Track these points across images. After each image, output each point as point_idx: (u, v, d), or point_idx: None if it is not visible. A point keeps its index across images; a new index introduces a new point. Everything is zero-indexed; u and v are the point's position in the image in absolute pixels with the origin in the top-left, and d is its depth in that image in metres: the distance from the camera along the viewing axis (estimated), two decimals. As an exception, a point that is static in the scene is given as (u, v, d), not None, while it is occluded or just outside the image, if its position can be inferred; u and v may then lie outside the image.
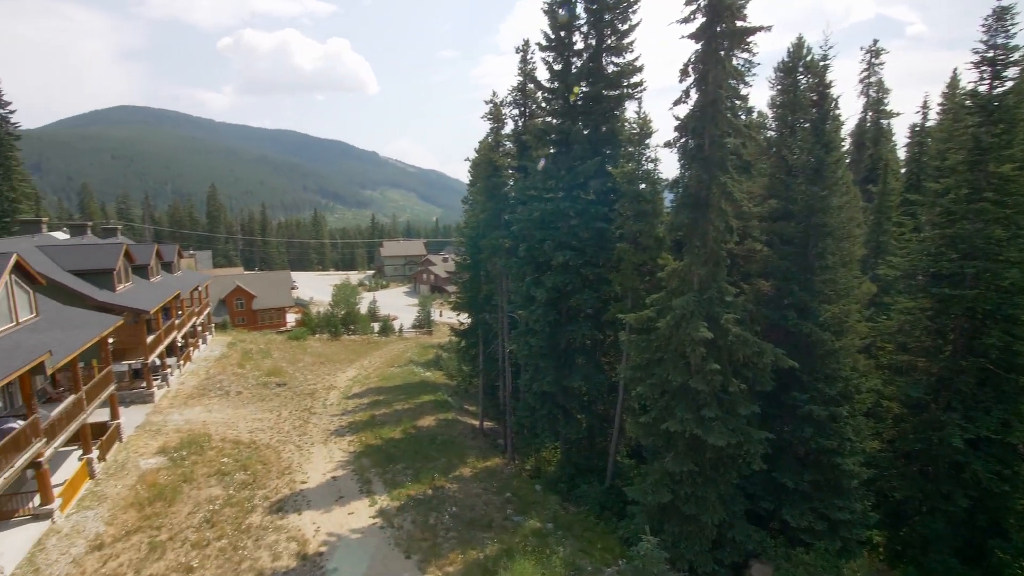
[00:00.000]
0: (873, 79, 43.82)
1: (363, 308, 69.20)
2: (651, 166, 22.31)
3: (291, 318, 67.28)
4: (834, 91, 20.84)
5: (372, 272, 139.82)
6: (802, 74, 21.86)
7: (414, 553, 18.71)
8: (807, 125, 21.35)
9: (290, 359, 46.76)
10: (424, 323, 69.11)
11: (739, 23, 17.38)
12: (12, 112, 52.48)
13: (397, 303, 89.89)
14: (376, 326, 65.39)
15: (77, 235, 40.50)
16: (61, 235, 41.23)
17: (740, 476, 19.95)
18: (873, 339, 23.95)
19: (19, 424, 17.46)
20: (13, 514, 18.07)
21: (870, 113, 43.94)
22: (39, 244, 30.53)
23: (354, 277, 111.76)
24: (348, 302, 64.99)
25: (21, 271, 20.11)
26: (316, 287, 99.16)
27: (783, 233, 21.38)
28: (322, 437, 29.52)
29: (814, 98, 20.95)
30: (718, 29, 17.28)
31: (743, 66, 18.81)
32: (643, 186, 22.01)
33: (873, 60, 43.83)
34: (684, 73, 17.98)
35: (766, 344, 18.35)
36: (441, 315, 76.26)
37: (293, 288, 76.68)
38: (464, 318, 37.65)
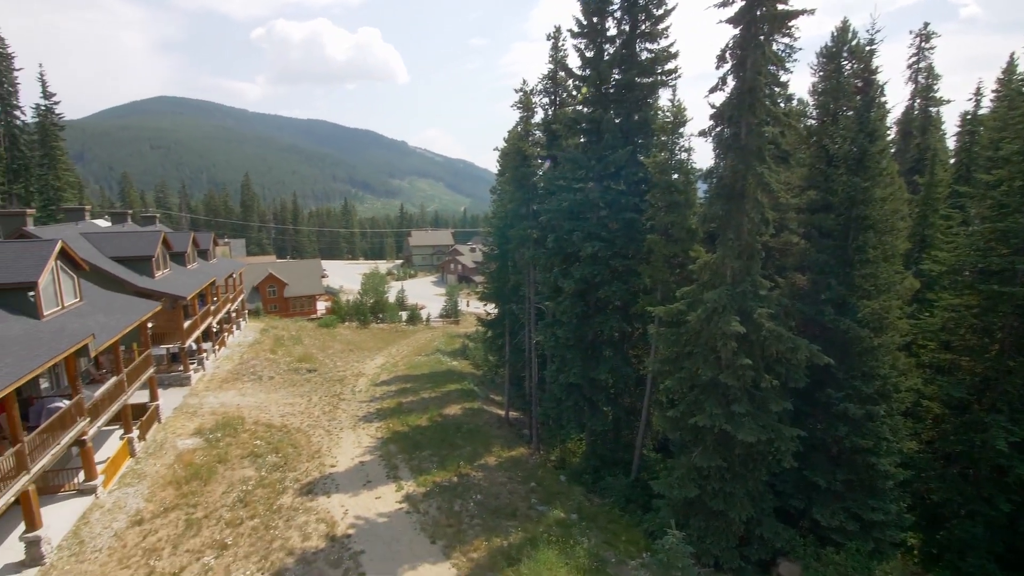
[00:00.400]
0: (922, 64, 41.82)
1: (391, 297, 70.04)
2: (684, 155, 21.84)
3: (321, 306, 68.53)
4: (880, 77, 20.07)
5: (400, 261, 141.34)
6: (846, 59, 21.03)
7: (439, 538, 18.92)
8: (850, 113, 20.56)
9: (320, 346, 47.63)
10: (451, 312, 69.60)
11: (780, 6, 16.79)
12: (56, 103, 54.43)
13: (425, 292, 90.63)
14: (404, 315, 66.13)
15: (118, 223, 41.84)
16: (103, 223, 42.66)
17: (770, 473, 19.64)
18: (914, 336, 23.16)
19: (65, 403, 18.19)
20: (59, 489, 18.91)
21: (918, 100, 42.01)
22: (82, 231, 31.63)
23: (383, 266, 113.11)
24: (377, 291, 65.88)
25: (66, 257, 20.84)
26: (346, 276, 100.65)
27: (822, 225, 20.71)
28: (351, 423, 30.01)
29: (859, 84, 20.14)
30: (758, 13, 16.70)
31: (783, 52, 18.17)
32: (676, 176, 21.54)
33: (923, 44, 41.82)
34: (721, 59, 17.46)
35: (801, 340, 17.87)
36: (468, 305, 76.64)
37: (323, 276, 78.05)
38: (491, 308, 37.69)
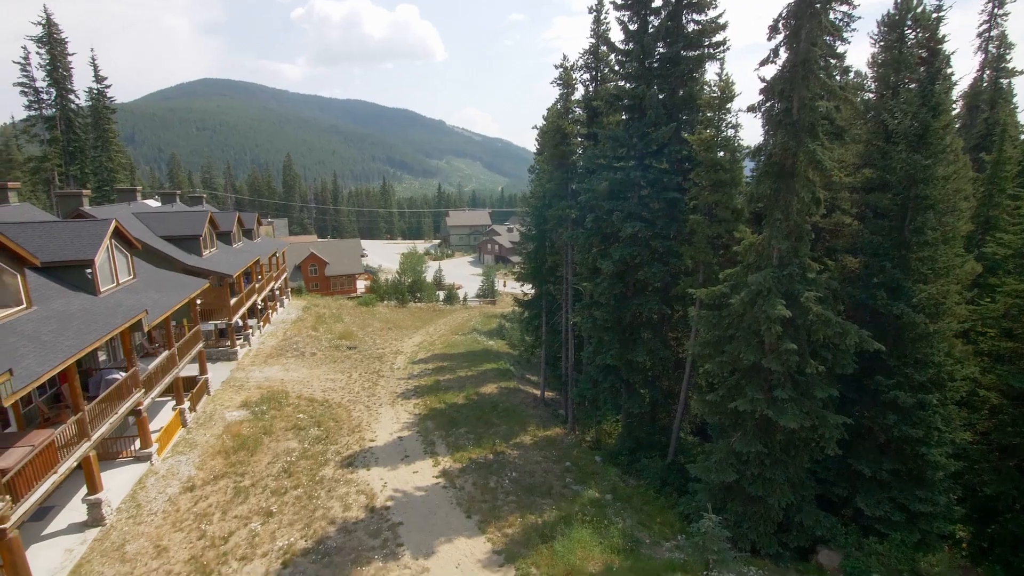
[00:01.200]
0: (994, 32, 38.82)
1: (429, 277, 70.83)
2: (731, 132, 21.00)
3: (361, 285, 69.90)
4: (947, 47, 18.71)
5: (438, 241, 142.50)
6: (910, 28, 19.64)
7: (474, 513, 19.25)
8: (913, 86, 19.30)
9: (360, 324, 48.64)
10: (488, 293, 69.97)
11: (839, -28, 15.78)
12: (108, 87, 56.40)
13: (462, 272, 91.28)
14: (441, 294, 66.90)
15: (167, 203, 43.40)
16: (153, 203, 44.31)
17: (812, 460, 19.18)
18: (973, 323, 21.98)
19: (121, 375, 19.12)
20: (117, 455, 19.99)
21: (988, 71, 39.16)
22: (135, 211, 32.93)
23: (420, 246, 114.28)
24: (415, 270, 66.70)
25: (120, 236, 21.71)
26: (384, 255, 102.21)
27: (877, 205, 19.69)
28: (389, 399, 30.65)
29: (923, 55, 18.84)
30: (814, -21, 15.74)
31: (841, 20, 17.06)
32: (721, 154, 20.79)
33: (995, 11, 38.76)
34: (773, 30, 16.55)
35: (850, 324, 17.16)
36: (505, 285, 76.86)
37: (363, 256, 79.43)
38: (528, 289, 37.65)
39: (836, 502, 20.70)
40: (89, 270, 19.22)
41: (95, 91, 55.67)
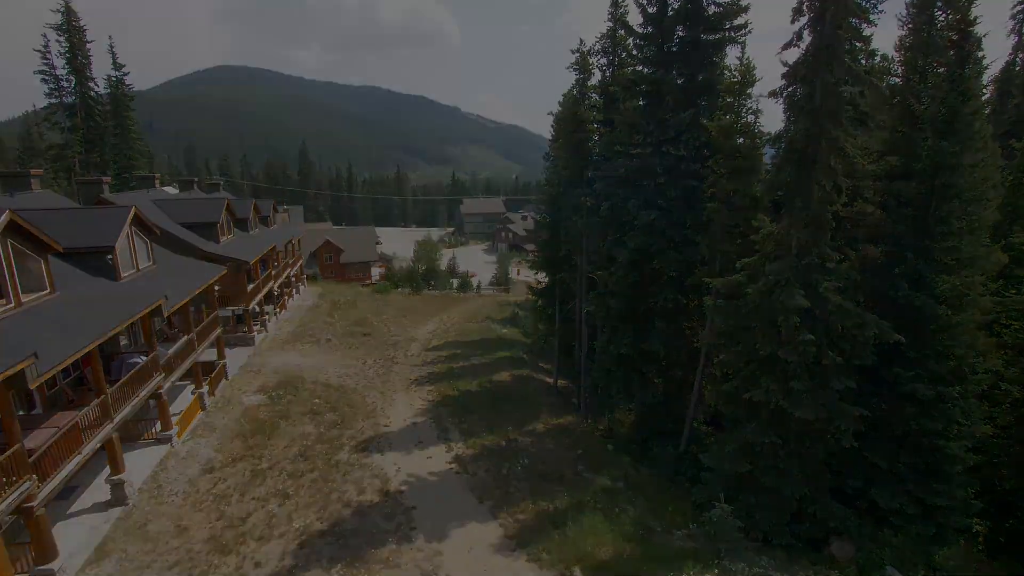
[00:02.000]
0: (1031, 13, 37.57)
1: (443, 264, 71.00)
2: (751, 118, 20.60)
3: (376, 272, 70.33)
4: (978, 29, 18.01)
5: (452, 229, 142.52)
6: (940, 10, 18.92)
7: (487, 499, 19.39)
8: (941, 70, 18.68)
9: (375, 311, 48.93)
10: (502, 281, 70.01)
11: (866, -48, 15.31)
12: (126, 75, 56.67)
13: (476, 260, 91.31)
14: (455, 282, 67.05)
15: (185, 190, 43.86)
16: (172, 190, 44.77)
17: (827, 451, 18.97)
18: (998, 315, 21.49)
19: (142, 360, 19.48)
20: (139, 437, 20.41)
21: (1021, 55, 37.92)
22: (153, 198, 33.26)
23: (435, 234, 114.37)
24: (429, 258, 66.92)
25: (139, 223, 21.96)
26: (399, 243, 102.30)
27: (901, 194, 19.20)
28: (403, 385, 30.88)
29: (953, 38, 18.16)
30: (840, -40, 15.28)
31: (868, 2, 16.66)
32: (741, 140, 20.41)
33: (1034, -10, 37.45)
34: (797, 12, 16.14)
35: (869, 315, 16.93)
36: (519, 273, 76.77)
37: (377, 243, 79.75)
38: (542, 277, 37.56)
39: (851, 494, 20.49)
40: (110, 256, 19.52)
41: (114, 79, 56.01)
